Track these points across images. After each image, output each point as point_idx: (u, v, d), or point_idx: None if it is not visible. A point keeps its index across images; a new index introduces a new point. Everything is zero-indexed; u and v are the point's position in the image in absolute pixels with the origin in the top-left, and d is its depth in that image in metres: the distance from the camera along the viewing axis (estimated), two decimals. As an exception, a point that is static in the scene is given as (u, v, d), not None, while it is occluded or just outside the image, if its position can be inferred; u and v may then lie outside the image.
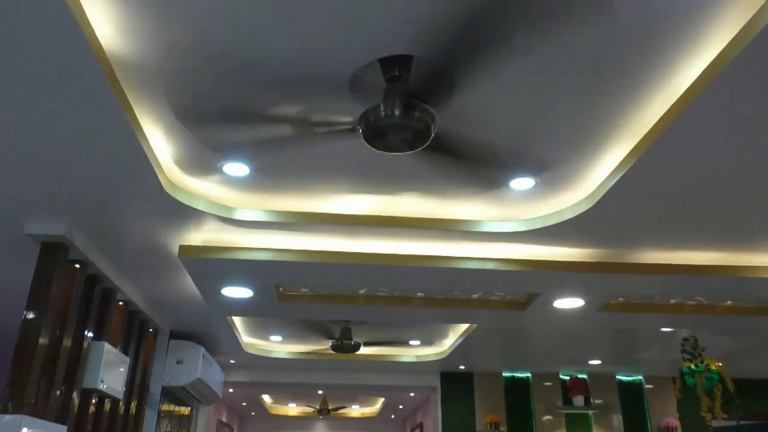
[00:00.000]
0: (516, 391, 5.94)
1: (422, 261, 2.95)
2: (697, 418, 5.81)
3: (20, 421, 2.38)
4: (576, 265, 3.00)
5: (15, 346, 2.59)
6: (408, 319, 4.06)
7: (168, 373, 4.27)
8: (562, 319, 3.84)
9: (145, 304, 3.82)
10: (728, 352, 4.86)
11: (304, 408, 8.44)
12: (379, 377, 5.95)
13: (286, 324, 4.80)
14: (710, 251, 2.96)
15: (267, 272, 3.04)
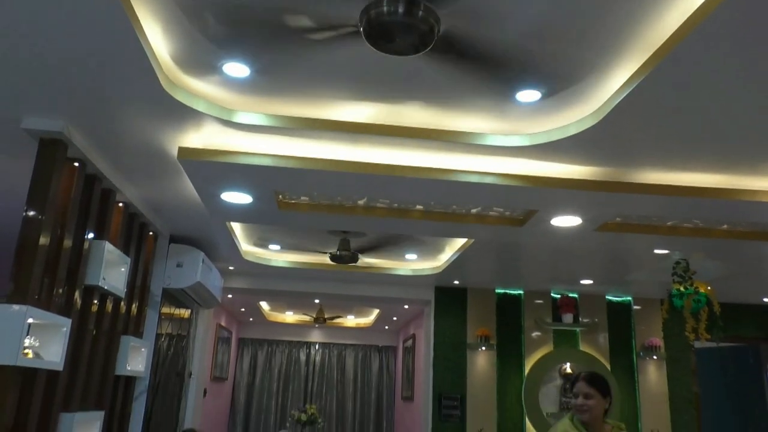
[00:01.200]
0: (507, 307, 6.10)
1: (422, 173, 2.95)
2: (680, 339, 6.03)
3: (26, 312, 2.44)
4: (576, 183, 2.99)
5: (17, 244, 2.62)
6: (406, 232, 4.10)
7: (168, 276, 4.36)
8: (559, 237, 3.88)
9: (145, 207, 3.84)
10: (718, 276, 4.96)
11: (301, 316, 8.70)
12: (375, 289, 6.09)
13: (285, 233, 4.86)
14: (711, 173, 2.95)
15: (266, 178, 3.04)
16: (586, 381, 2.59)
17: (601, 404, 2.55)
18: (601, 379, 2.66)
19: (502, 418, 5.81)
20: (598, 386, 2.57)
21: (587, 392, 2.55)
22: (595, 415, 2.53)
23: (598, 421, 2.54)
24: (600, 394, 2.57)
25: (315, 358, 9.39)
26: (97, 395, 3.38)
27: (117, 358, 3.62)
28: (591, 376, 2.66)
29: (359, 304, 7.48)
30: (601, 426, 2.54)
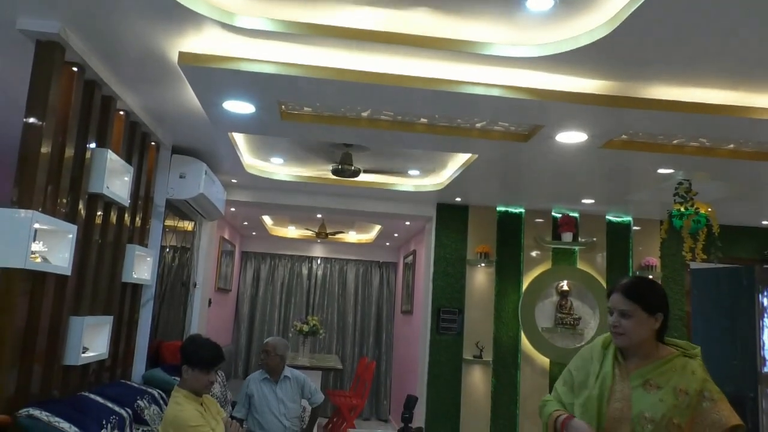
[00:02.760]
0: (508, 224, 6.16)
1: (428, 83, 2.89)
2: (676, 259, 6.13)
3: (32, 217, 2.46)
4: (584, 97, 2.94)
5: (19, 151, 2.61)
6: (409, 145, 4.07)
7: (171, 187, 4.36)
8: (563, 154, 3.86)
9: (147, 116, 3.79)
10: (719, 198, 4.97)
11: (303, 231, 8.80)
12: (377, 204, 6.13)
13: (287, 146, 4.83)
14: (722, 89, 2.90)
15: (269, 86, 2.98)
16: (622, 293, 1.96)
17: (647, 324, 1.93)
18: (646, 288, 2.00)
19: (499, 332, 6.00)
20: (641, 300, 1.94)
21: (623, 309, 1.95)
22: (638, 339, 1.94)
23: (645, 346, 1.95)
24: (644, 311, 1.93)
25: (317, 272, 9.59)
26: (106, 301, 3.47)
27: (123, 266, 3.69)
28: (630, 285, 1.99)
29: (361, 219, 7.55)
30: (655, 350, 1.96)
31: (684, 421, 1.87)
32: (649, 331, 1.95)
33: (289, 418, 4.29)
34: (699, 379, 1.90)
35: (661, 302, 1.98)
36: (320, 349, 9.17)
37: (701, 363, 1.96)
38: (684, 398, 1.88)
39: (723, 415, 1.86)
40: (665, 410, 1.87)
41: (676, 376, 1.91)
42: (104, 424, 2.71)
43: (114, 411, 2.90)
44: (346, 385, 9.11)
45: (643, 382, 1.93)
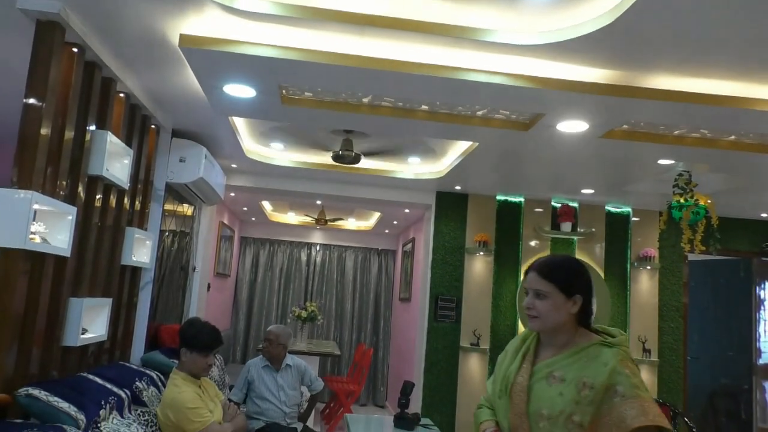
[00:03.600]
0: (507, 213, 6.16)
1: (429, 70, 2.87)
2: (674, 250, 6.15)
3: (31, 197, 2.46)
4: (586, 86, 2.93)
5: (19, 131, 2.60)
6: (410, 132, 4.06)
7: (171, 170, 4.35)
8: (563, 143, 3.85)
9: (147, 99, 3.78)
10: (719, 190, 4.97)
11: (303, 217, 8.81)
12: (377, 192, 6.13)
13: (288, 132, 4.82)
14: (725, 80, 2.89)
15: (270, 70, 2.97)
16: (538, 271, 1.78)
17: (563, 308, 1.75)
18: (564, 267, 1.79)
19: (496, 321, 6.03)
20: (557, 279, 1.75)
21: (538, 289, 1.76)
22: (552, 324, 1.76)
23: (562, 333, 1.77)
24: (561, 292, 1.74)
25: (316, 258, 9.60)
26: (105, 283, 3.48)
27: (122, 249, 3.69)
28: (547, 264, 1.81)
29: (360, 206, 7.55)
30: (573, 338, 1.76)
31: (586, 419, 1.63)
32: (566, 315, 1.75)
33: (288, 405, 4.32)
34: (609, 372, 1.64)
35: (581, 283, 1.78)
36: (318, 335, 9.20)
37: (622, 353, 1.70)
38: (587, 393, 1.64)
39: (630, 414, 1.59)
40: (564, 406, 1.66)
41: (584, 368, 1.68)
42: (103, 405, 2.73)
43: (113, 392, 2.92)
44: (344, 371, 9.16)
45: (547, 374, 1.73)
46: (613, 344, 1.72)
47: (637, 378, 1.66)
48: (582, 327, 1.80)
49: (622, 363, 1.66)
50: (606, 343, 1.73)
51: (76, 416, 2.46)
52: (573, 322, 1.77)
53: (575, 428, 1.64)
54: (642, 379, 1.70)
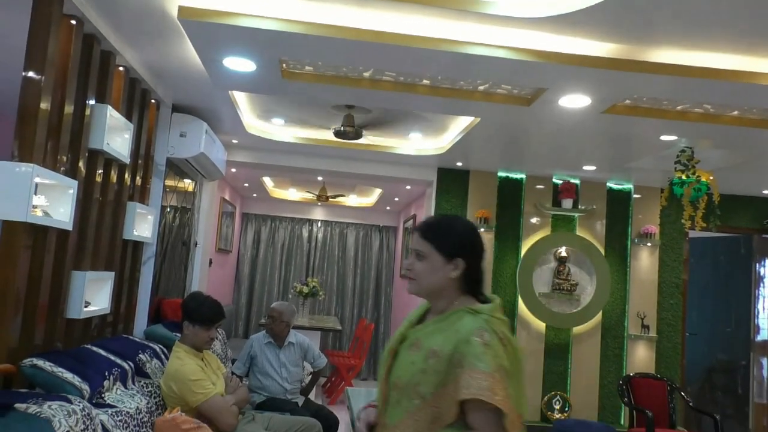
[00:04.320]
0: (509, 190, 6.16)
1: (431, 43, 2.85)
2: (675, 227, 6.16)
3: (32, 170, 2.47)
4: (588, 60, 2.90)
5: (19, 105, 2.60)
6: (411, 108, 4.04)
7: (172, 145, 4.35)
8: (565, 119, 3.83)
9: (147, 73, 3.76)
10: (721, 166, 4.96)
11: (304, 194, 8.81)
12: (378, 168, 6.12)
13: (289, 107, 4.80)
14: (730, 53, 2.86)
15: (270, 43, 2.94)
16: (419, 230, 1.69)
17: (442, 271, 1.63)
18: (445, 227, 1.67)
19: (496, 296, 6.05)
20: (436, 240, 1.64)
21: (417, 249, 1.66)
22: (429, 287, 1.65)
23: (442, 299, 1.66)
24: (439, 253, 1.63)
25: (317, 235, 9.62)
26: (107, 257, 3.49)
27: (124, 223, 3.70)
28: (428, 223, 1.71)
29: (362, 182, 7.54)
30: (453, 303, 1.65)
31: (429, 389, 1.54)
32: (445, 279, 1.63)
33: (290, 381, 4.37)
34: (458, 340, 1.53)
35: (463, 245, 1.65)
36: (320, 310, 9.27)
37: (482, 321, 1.56)
38: (433, 362, 1.54)
39: (460, 385, 1.49)
40: (411, 375, 1.57)
41: (438, 335, 1.59)
42: (107, 376, 2.77)
43: (116, 363, 2.95)
44: (345, 345, 9.24)
45: (413, 341, 1.64)
46: (478, 311, 1.59)
47: (489, 350, 1.51)
48: (469, 295, 1.67)
49: (477, 332, 1.53)
50: (472, 310, 1.60)
51: (80, 386, 2.49)
52: (455, 287, 1.65)
53: (419, 400, 1.55)
54: (502, 354, 1.53)
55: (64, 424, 2.12)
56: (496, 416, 1.47)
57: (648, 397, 5.19)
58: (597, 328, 6.07)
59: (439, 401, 1.53)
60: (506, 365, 1.52)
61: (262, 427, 3.57)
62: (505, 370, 1.51)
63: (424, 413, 1.54)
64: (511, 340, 1.58)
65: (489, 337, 1.53)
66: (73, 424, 2.18)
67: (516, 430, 1.50)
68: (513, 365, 1.55)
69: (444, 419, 1.52)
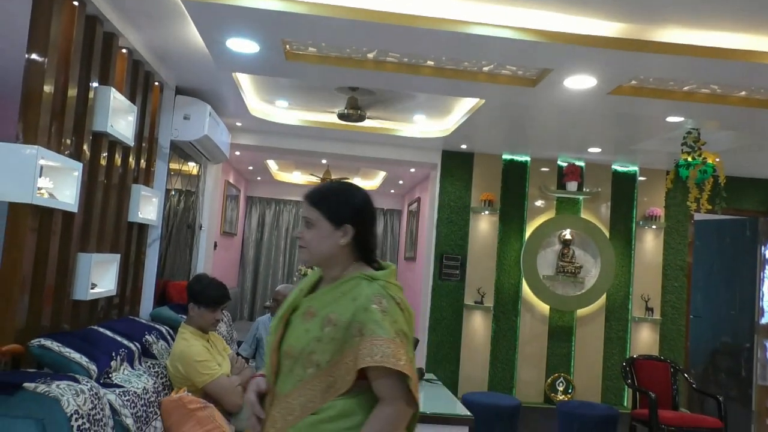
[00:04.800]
0: (513, 173, 6.14)
1: (435, 23, 2.82)
2: (680, 209, 6.14)
3: (37, 152, 2.47)
4: (594, 40, 2.87)
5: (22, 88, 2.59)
6: (415, 89, 4.01)
7: (176, 128, 4.34)
8: (570, 100, 3.80)
9: (150, 55, 3.74)
10: (727, 148, 4.93)
11: (308, 177, 8.81)
12: (382, 150, 6.10)
13: (292, 89, 4.78)
14: (738, 32, 2.83)
15: (273, 23, 2.92)
16: (307, 197, 1.66)
17: (331, 238, 1.61)
18: (332, 193, 1.66)
19: (500, 280, 6.07)
20: (323, 205, 1.62)
21: (306, 216, 1.64)
22: (320, 255, 1.63)
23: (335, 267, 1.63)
24: (327, 220, 1.61)
25: (321, 218, 9.63)
26: (113, 239, 3.51)
27: (129, 206, 3.71)
28: (316, 189, 1.69)
29: (366, 165, 7.53)
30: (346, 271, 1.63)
31: (324, 358, 1.51)
32: (335, 247, 1.60)
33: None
34: (356, 308, 1.51)
35: (352, 212, 1.62)
36: (324, 293, 9.31)
37: (379, 288, 1.55)
38: (329, 330, 1.52)
39: (361, 354, 1.48)
40: (306, 343, 1.54)
41: (334, 303, 1.56)
42: (114, 356, 2.79)
43: (123, 344, 2.98)
44: (350, 329, 9.29)
45: (306, 309, 1.61)
46: (374, 278, 1.58)
47: (388, 316, 1.51)
48: (362, 262, 1.66)
49: (375, 299, 1.52)
50: (368, 276, 1.58)
51: (87, 366, 2.52)
52: (346, 255, 1.63)
53: (313, 368, 1.52)
54: (401, 319, 1.55)
55: (72, 403, 2.15)
56: (401, 381, 1.49)
57: (651, 379, 5.21)
58: (601, 311, 6.08)
59: (334, 370, 1.52)
60: (405, 329, 1.54)
61: (267, 407, 3.61)
62: (405, 335, 1.53)
63: (317, 382, 1.53)
64: (407, 305, 1.59)
65: (387, 303, 1.53)
66: (81, 403, 2.20)
67: (418, 391, 1.54)
68: (409, 328, 1.58)
69: (338, 388, 1.51)
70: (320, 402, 1.51)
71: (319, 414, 1.51)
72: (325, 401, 1.52)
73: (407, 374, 1.48)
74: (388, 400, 1.50)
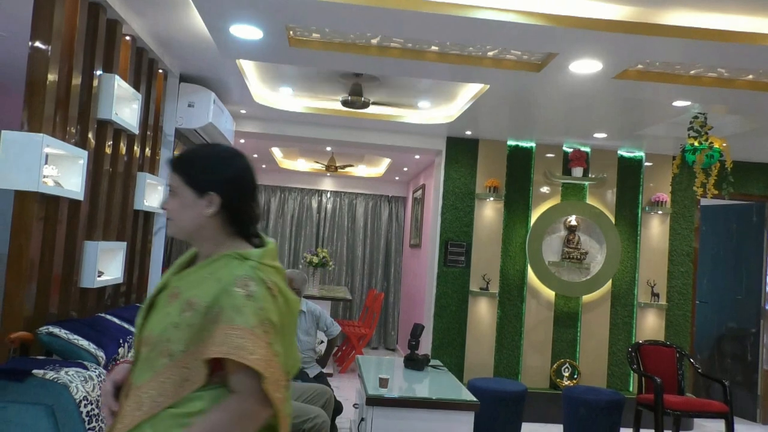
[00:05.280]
0: (518, 159, 6.12)
1: (440, 8, 2.80)
2: (687, 195, 6.11)
3: (42, 140, 2.48)
4: (601, 23, 2.85)
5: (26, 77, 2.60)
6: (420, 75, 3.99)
7: (180, 116, 4.34)
8: (576, 85, 3.78)
9: (153, 42, 3.74)
10: (734, 133, 4.89)
11: (313, 164, 8.80)
12: (387, 137, 6.08)
13: (296, 77, 4.76)
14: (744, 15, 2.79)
15: (276, 9, 2.91)
16: (170, 164, 1.47)
17: (195, 208, 1.42)
18: (194, 156, 1.47)
19: (506, 266, 6.07)
20: (184, 171, 1.44)
21: (170, 184, 1.46)
22: (185, 227, 1.45)
23: (206, 241, 1.45)
24: (189, 187, 1.43)
25: (326, 205, 9.64)
26: (118, 228, 3.53)
27: (134, 194, 3.72)
28: (179, 154, 1.51)
29: (371, 152, 7.52)
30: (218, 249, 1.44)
31: (179, 347, 1.34)
32: (200, 218, 1.42)
33: (302, 350, 4.42)
34: (218, 291, 1.33)
35: (219, 178, 1.43)
36: (330, 281, 9.34)
37: (250, 269, 1.37)
38: (189, 315, 1.34)
39: (212, 342, 1.30)
40: (162, 329, 1.36)
41: (199, 284, 1.38)
42: (121, 343, 2.82)
43: (130, 332, 3.00)
44: (355, 315, 9.33)
45: (171, 292, 1.42)
46: (246, 257, 1.39)
47: (253, 302, 1.32)
48: (240, 238, 1.47)
49: (240, 281, 1.34)
50: (240, 255, 1.40)
51: (95, 353, 2.54)
52: (218, 228, 1.44)
53: (166, 358, 1.34)
54: (270, 306, 1.35)
55: (81, 390, 2.17)
56: (251, 378, 1.29)
57: (657, 364, 5.22)
58: (607, 297, 6.08)
59: (189, 361, 1.33)
60: (274, 319, 1.34)
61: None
62: (272, 325, 1.33)
63: (170, 374, 1.34)
64: (284, 291, 1.42)
65: (255, 287, 1.34)
66: (89, 389, 2.22)
67: (279, 391, 1.33)
68: (285, 319, 1.39)
69: (194, 382, 1.33)
70: (173, 397, 1.33)
71: (176, 408, 1.33)
72: (179, 396, 1.33)
73: (259, 371, 1.28)
74: (236, 396, 1.31)
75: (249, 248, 1.44)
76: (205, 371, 1.33)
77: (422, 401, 3.42)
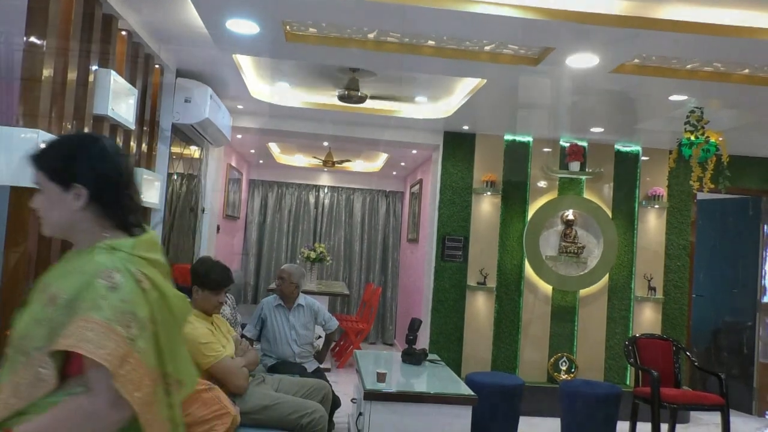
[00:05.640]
0: (515, 153, 6.12)
1: (436, 2, 2.80)
2: (683, 189, 6.13)
3: (38, 136, 2.47)
4: (597, 18, 2.85)
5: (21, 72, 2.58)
6: (417, 70, 3.99)
7: (177, 111, 4.33)
8: (573, 79, 3.78)
9: (149, 37, 3.72)
10: (730, 127, 4.90)
11: (310, 160, 8.79)
12: (384, 132, 6.08)
13: (293, 72, 4.75)
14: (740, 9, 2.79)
15: (273, 4, 2.90)
16: (31, 160, 1.38)
17: (63, 204, 1.33)
18: (52, 148, 1.39)
19: (503, 260, 6.08)
20: (43, 164, 1.35)
21: (35, 181, 1.38)
22: (54, 225, 1.37)
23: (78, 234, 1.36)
24: (53, 182, 1.34)
25: (324, 201, 9.64)
26: (115, 223, 3.52)
27: (132, 189, 3.71)
28: (38, 148, 1.41)
29: (368, 147, 7.51)
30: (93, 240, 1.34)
31: (36, 344, 1.24)
32: (70, 213, 1.33)
33: (300, 344, 4.43)
34: (81, 284, 1.24)
35: (82, 168, 1.32)
36: (327, 276, 9.34)
37: (118, 260, 1.28)
38: (49, 310, 1.25)
39: (64, 334, 1.21)
40: (25, 326, 1.28)
41: (65, 277, 1.29)
42: (118, 339, 2.81)
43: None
44: (353, 310, 9.34)
45: (41, 287, 1.33)
46: (116, 248, 1.30)
47: (115, 294, 1.23)
48: (119, 230, 1.37)
49: (104, 272, 1.25)
50: (110, 246, 1.31)
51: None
52: (92, 222, 1.35)
53: (24, 357, 1.25)
54: (138, 300, 1.26)
55: (78, 385, 2.17)
56: (102, 375, 1.19)
57: (654, 358, 5.24)
58: (604, 291, 6.10)
59: (45, 359, 1.24)
60: (140, 313, 1.25)
61: (271, 388, 3.64)
62: (136, 319, 1.24)
63: (26, 374, 1.24)
64: (159, 285, 1.32)
65: (120, 279, 1.25)
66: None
67: (139, 391, 1.22)
68: (160, 314, 1.30)
69: (48, 383, 1.23)
70: (26, 399, 1.23)
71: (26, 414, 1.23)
72: (33, 398, 1.23)
73: (107, 367, 1.18)
74: (86, 394, 1.22)
75: (121, 240, 1.34)
76: (55, 368, 1.23)
77: (420, 395, 3.43)
